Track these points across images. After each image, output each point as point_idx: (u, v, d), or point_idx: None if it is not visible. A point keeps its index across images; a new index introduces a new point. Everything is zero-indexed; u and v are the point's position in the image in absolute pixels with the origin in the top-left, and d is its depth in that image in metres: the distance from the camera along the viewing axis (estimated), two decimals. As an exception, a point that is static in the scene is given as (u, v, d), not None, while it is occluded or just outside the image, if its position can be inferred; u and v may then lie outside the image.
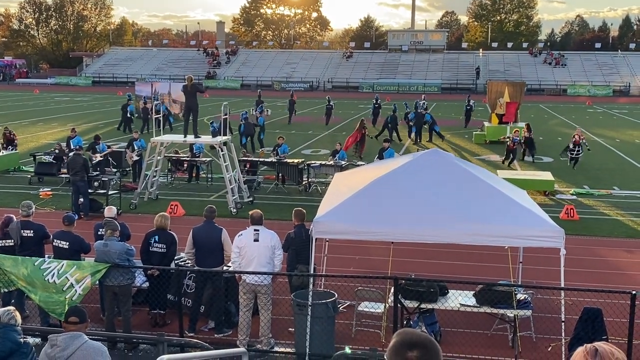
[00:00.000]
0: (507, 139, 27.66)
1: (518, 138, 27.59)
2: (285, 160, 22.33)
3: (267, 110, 44.89)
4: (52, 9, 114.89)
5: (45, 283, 9.94)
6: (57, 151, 24.01)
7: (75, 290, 9.90)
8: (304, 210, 11.48)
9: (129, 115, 37.42)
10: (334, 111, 44.22)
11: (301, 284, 10.59)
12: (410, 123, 34.94)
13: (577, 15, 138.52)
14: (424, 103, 40.25)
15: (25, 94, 69.14)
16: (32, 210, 11.37)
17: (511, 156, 27.21)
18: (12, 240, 10.92)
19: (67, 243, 10.68)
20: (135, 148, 22.78)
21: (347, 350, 8.72)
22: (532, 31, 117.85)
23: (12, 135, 26.28)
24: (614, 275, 13.78)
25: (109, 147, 23.86)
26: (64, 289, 9.90)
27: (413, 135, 34.80)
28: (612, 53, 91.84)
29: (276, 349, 10.29)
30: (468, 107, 41.85)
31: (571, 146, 26.90)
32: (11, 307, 6.76)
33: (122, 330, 10.37)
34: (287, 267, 11.15)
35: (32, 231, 11.01)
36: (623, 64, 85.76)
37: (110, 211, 11.80)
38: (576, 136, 26.89)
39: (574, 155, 26.79)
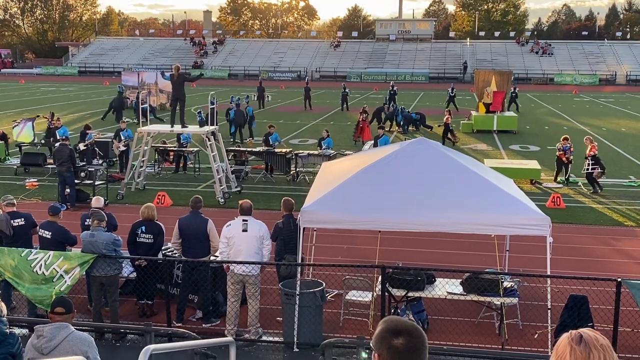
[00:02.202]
0: (559, 151, 21.73)
1: (569, 146, 21.47)
2: (273, 150, 22.27)
3: (268, 96, 46.34)
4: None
5: (34, 275, 9.89)
6: (42, 141, 23.91)
7: (65, 281, 9.86)
8: (292, 200, 11.47)
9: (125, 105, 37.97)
10: (349, 97, 45.85)
11: (289, 274, 10.61)
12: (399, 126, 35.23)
13: (564, 4, 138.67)
14: (452, 89, 44.98)
15: (10, 84, 68.58)
16: (15, 201, 11.30)
17: (563, 170, 21.72)
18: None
19: (50, 233, 10.65)
20: (122, 138, 22.66)
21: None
22: (519, 20, 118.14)
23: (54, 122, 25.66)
24: (599, 263, 13.87)
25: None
26: (53, 280, 9.86)
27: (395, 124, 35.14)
28: (598, 42, 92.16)
29: (264, 338, 10.30)
30: (514, 94, 43.55)
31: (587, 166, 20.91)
32: None
33: (109, 320, 10.35)
34: (276, 256, 11.16)
35: (22, 219, 10.99)
36: (609, 52, 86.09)
37: (97, 201, 11.75)
38: (588, 148, 21.13)
39: (587, 171, 20.83)
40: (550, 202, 18.34)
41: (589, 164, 20.68)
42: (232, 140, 29.12)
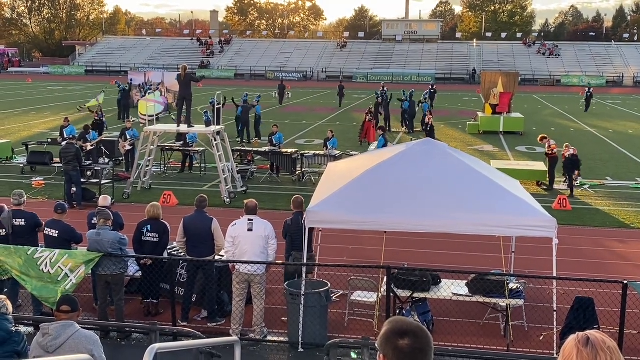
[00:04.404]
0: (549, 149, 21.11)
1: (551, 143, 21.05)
2: (279, 150, 22.28)
3: (288, 94, 50.10)
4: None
5: (40, 273, 9.90)
6: (49, 140, 23.94)
7: (70, 279, 9.86)
8: (302, 198, 11.47)
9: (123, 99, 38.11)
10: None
11: (296, 271, 10.65)
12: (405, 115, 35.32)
13: (571, 5, 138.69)
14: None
15: (17, 83, 68.80)
16: (23, 199, 11.32)
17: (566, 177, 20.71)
18: (4, 230, 10.88)
19: (57, 232, 10.65)
20: (128, 137, 22.70)
21: (353, 355, 8.74)
22: (526, 21, 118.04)
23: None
24: (606, 265, 13.82)
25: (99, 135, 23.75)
26: (58, 279, 9.86)
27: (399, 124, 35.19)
28: (605, 43, 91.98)
29: (269, 338, 10.30)
30: (589, 94, 46.88)
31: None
32: (2, 296, 6.72)
33: (114, 319, 10.36)
34: (285, 253, 11.23)
35: (23, 220, 10.97)
36: (617, 54, 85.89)
37: (105, 200, 11.77)
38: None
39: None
40: (557, 203, 18.29)
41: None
42: (239, 139, 29.12)
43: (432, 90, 47.42)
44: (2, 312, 6.46)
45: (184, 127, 19.57)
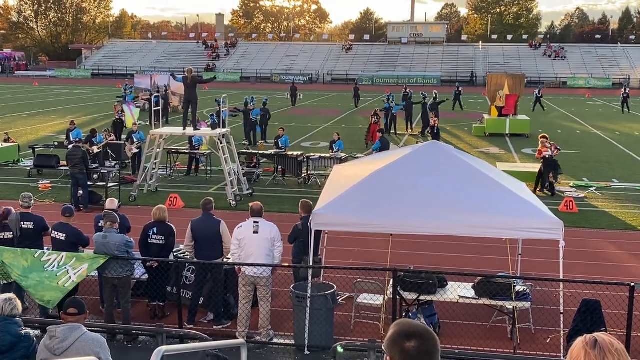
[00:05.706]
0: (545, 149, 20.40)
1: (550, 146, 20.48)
2: (285, 152, 22.28)
3: (300, 95, 51.69)
4: (51, 1, 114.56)
5: (43, 272, 9.86)
6: (56, 144, 23.99)
7: (70, 276, 9.82)
8: (311, 202, 11.44)
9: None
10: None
11: (307, 276, 10.64)
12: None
13: (577, 7, 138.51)
14: (540, 90, 48.30)
15: (24, 87, 69.01)
16: (32, 202, 11.37)
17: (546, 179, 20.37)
18: (11, 233, 10.91)
19: (64, 235, 10.67)
20: (135, 140, 22.76)
21: (339, 349, 8.74)
22: (532, 24, 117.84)
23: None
24: (612, 267, 13.78)
25: (105, 138, 23.78)
26: (57, 274, 9.80)
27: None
28: (612, 46, 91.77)
29: (275, 340, 10.30)
30: (625, 95, 47.93)
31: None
32: (12, 295, 6.68)
33: (121, 322, 10.38)
34: (294, 258, 11.18)
35: (31, 223, 11.00)
36: (623, 56, 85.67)
37: (112, 203, 11.79)
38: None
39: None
40: (563, 206, 18.25)
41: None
42: (246, 142, 29.09)
43: (457, 92, 48.70)
44: (14, 313, 6.38)
45: (189, 130, 19.60)
